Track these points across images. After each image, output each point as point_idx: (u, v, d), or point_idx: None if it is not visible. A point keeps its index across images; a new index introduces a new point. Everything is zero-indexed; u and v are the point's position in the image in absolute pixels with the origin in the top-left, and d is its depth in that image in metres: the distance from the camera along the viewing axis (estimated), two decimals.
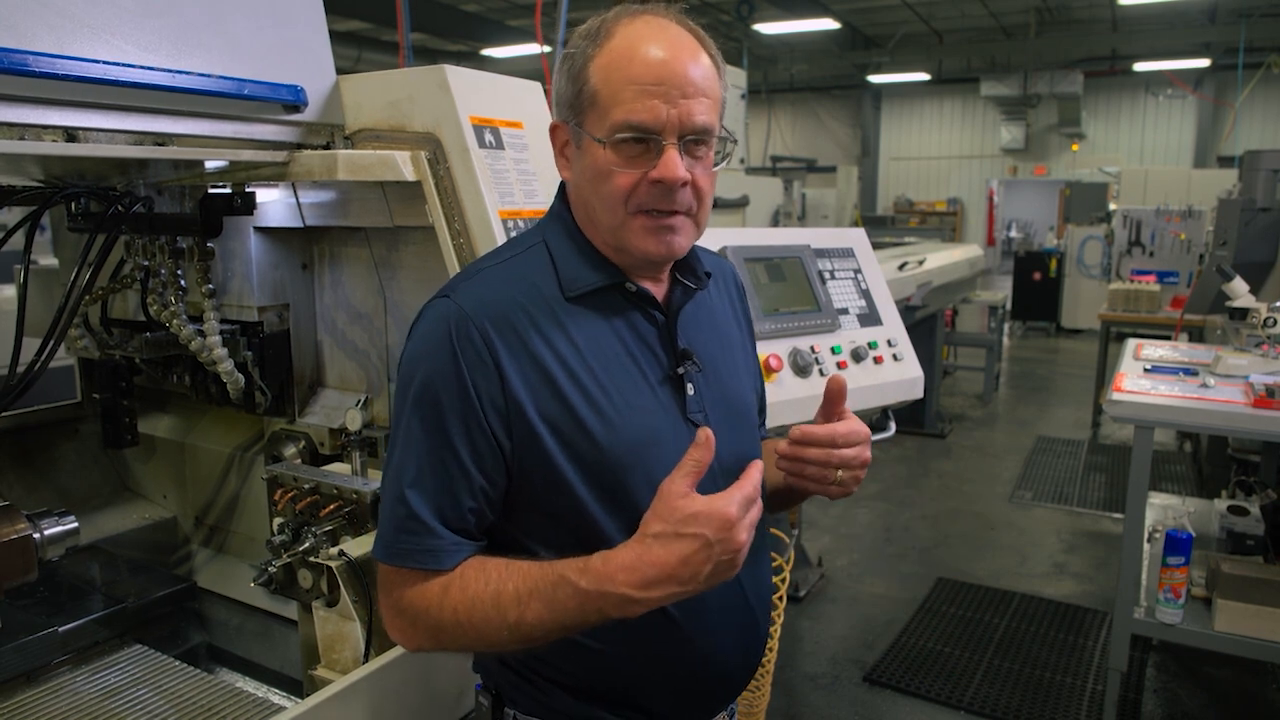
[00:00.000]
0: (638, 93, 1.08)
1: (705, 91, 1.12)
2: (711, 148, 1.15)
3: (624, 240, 1.15)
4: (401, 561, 1.11)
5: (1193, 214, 8.85)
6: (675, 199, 1.12)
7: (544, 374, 1.11)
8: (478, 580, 1.08)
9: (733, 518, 1.01)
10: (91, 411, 2.50)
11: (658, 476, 1.12)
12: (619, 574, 1.01)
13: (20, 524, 1.52)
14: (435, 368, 1.10)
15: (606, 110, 1.10)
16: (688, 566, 1.00)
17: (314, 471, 1.88)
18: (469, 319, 1.10)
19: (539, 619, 1.04)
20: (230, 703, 1.76)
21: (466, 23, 13.60)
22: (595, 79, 1.11)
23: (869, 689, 3.61)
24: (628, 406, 1.14)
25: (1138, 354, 3.86)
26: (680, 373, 1.20)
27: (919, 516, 5.58)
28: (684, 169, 1.10)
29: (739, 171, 7.52)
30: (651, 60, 1.09)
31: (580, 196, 1.19)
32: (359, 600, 1.60)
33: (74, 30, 1.37)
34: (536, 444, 1.10)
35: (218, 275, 2.07)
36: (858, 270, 2.68)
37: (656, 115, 1.08)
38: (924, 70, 17.23)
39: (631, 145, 1.10)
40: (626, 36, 1.12)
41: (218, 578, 2.41)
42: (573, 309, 1.15)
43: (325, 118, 1.77)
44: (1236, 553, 3.38)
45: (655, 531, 1.02)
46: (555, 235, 1.21)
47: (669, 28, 1.13)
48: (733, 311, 1.40)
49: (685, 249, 1.18)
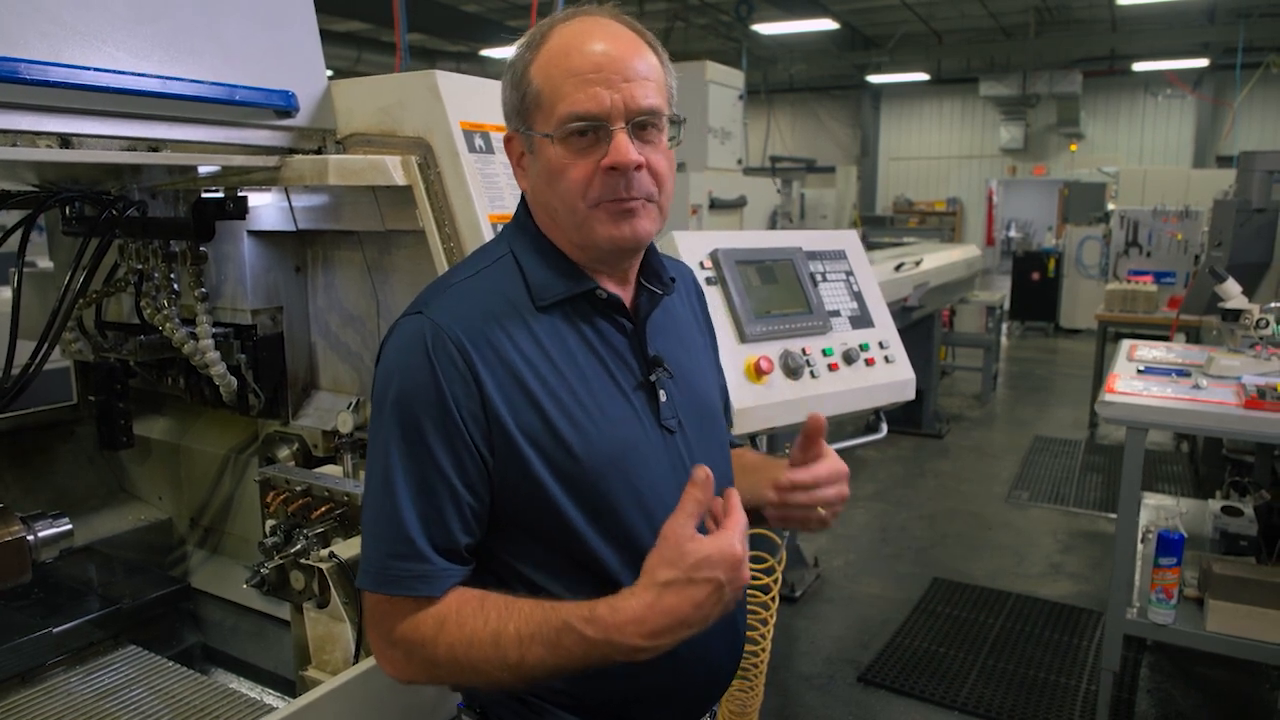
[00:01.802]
0: (579, 83, 1.09)
1: (647, 76, 1.12)
2: (663, 130, 1.14)
3: (588, 234, 1.14)
4: (393, 589, 1.08)
5: (1190, 214, 8.84)
6: (632, 185, 1.11)
7: (521, 387, 1.10)
8: (476, 618, 1.06)
9: (740, 557, 1.02)
10: (87, 413, 2.51)
11: (637, 484, 1.13)
12: (629, 625, 1.00)
13: (14, 526, 1.54)
14: (413, 382, 1.08)
15: (551, 106, 1.11)
16: (700, 610, 1.01)
17: (306, 474, 1.89)
18: (444, 333, 1.09)
19: (540, 661, 1.03)
20: (224, 703, 1.78)
21: (465, 23, 13.61)
22: (536, 79, 1.12)
23: (864, 689, 3.62)
24: (603, 416, 1.14)
25: (1131, 355, 3.87)
26: (652, 380, 1.20)
27: (915, 516, 5.59)
28: (635, 152, 1.10)
29: (737, 172, 7.53)
30: (589, 51, 1.10)
31: (540, 201, 1.18)
32: (349, 602, 1.61)
33: (67, 37, 1.38)
34: (517, 457, 1.10)
35: (211, 278, 2.09)
36: (849, 272, 2.70)
37: (600, 102, 1.09)
38: (923, 70, 17.24)
39: (580, 137, 1.10)
40: (563, 35, 1.13)
41: (212, 579, 2.42)
42: (544, 319, 1.15)
43: (317, 123, 1.78)
44: (1230, 553, 3.39)
45: (666, 579, 1.01)
46: (521, 245, 1.20)
47: (605, 24, 1.14)
48: (693, 315, 1.40)
49: (650, 234, 1.17)
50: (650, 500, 1.16)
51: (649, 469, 1.16)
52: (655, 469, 1.18)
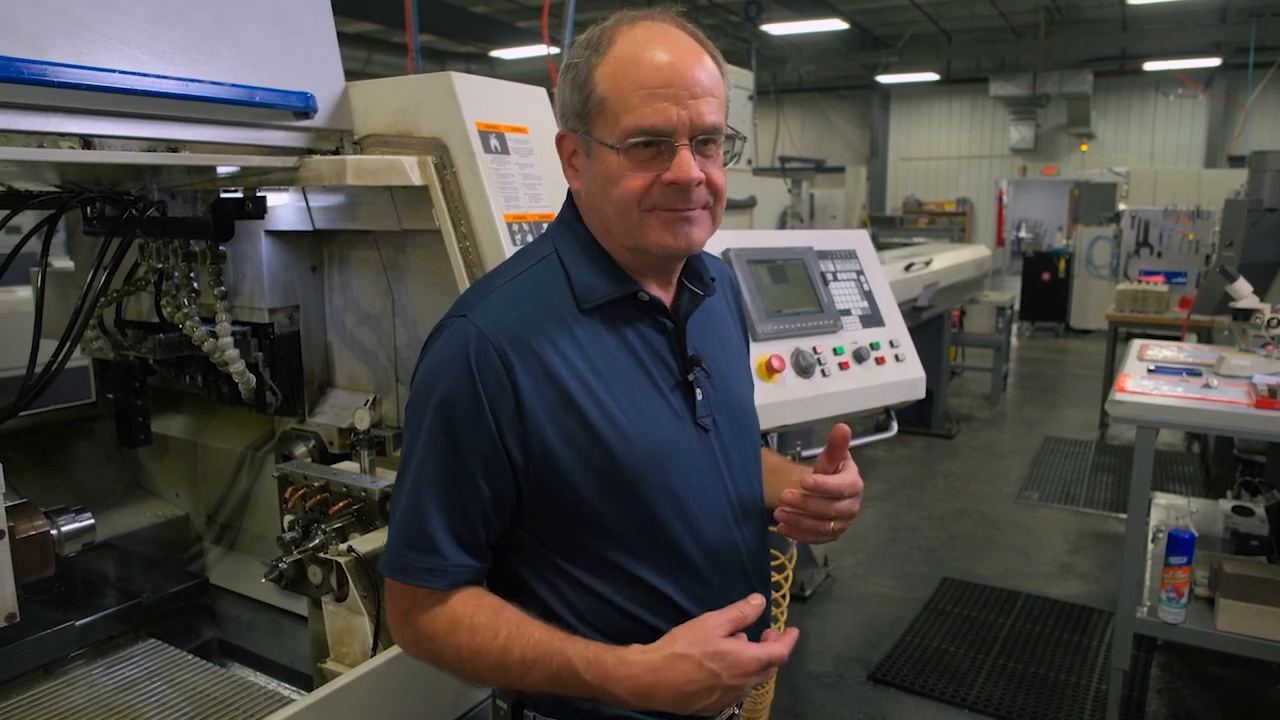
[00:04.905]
0: (646, 96, 1.10)
1: (712, 91, 1.13)
2: (720, 145, 1.17)
3: (641, 238, 1.16)
4: (405, 577, 1.15)
5: (1201, 214, 8.80)
6: (691, 197, 1.14)
7: (560, 391, 1.12)
8: (487, 631, 1.11)
9: (751, 671, 1.06)
10: (106, 411, 2.54)
11: (673, 481, 1.16)
12: (625, 681, 1.06)
13: (38, 520, 1.56)
14: (453, 388, 1.12)
15: (616, 116, 1.12)
16: (692, 696, 1.05)
17: (323, 470, 1.92)
18: (488, 341, 1.11)
19: (537, 684, 1.10)
20: (242, 695, 1.79)
21: (476, 24, 13.66)
22: (602, 86, 1.13)
23: (874, 687, 3.63)
24: (641, 416, 1.16)
25: (1142, 355, 3.87)
26: (690, 379, 1.22)
27: (925, 516, 5.59)
28: (697, 169, 1.12)
29: (746, 172, 7.53)
30: (658, 64, 1.11)
31: (592, 203, 1.20)
32: (367, 595, 1.64)
33: (90, 40, 1.41)
34: (552, 460, 1.13)
35: (230, 277, 2.11)
36: (860, 271, 2.71)
37: (667, 117, 1.10)
38: (933, 70, 17.20)
39: (643, 149, 1.12)
40: (629, 43, 1.13)
41: (229, 574, 2.45)
42: (586, 321, 1.17)
43: (334, 124, 1.81)
44: (1241, 553, 3.39)
45: (679, 652, 1.06)
46: (567, 245, 1.22)
47: (670, 31, 1.15)
48: (731, 315, 1.42)
49: (703, 242, 1.20)
50: (685, 497, 1.19)
51: (685, 467, 1.19)
52: (691, 466, 1.20)
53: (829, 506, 1.20)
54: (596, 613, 1.16)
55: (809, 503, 1.21)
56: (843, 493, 1.20)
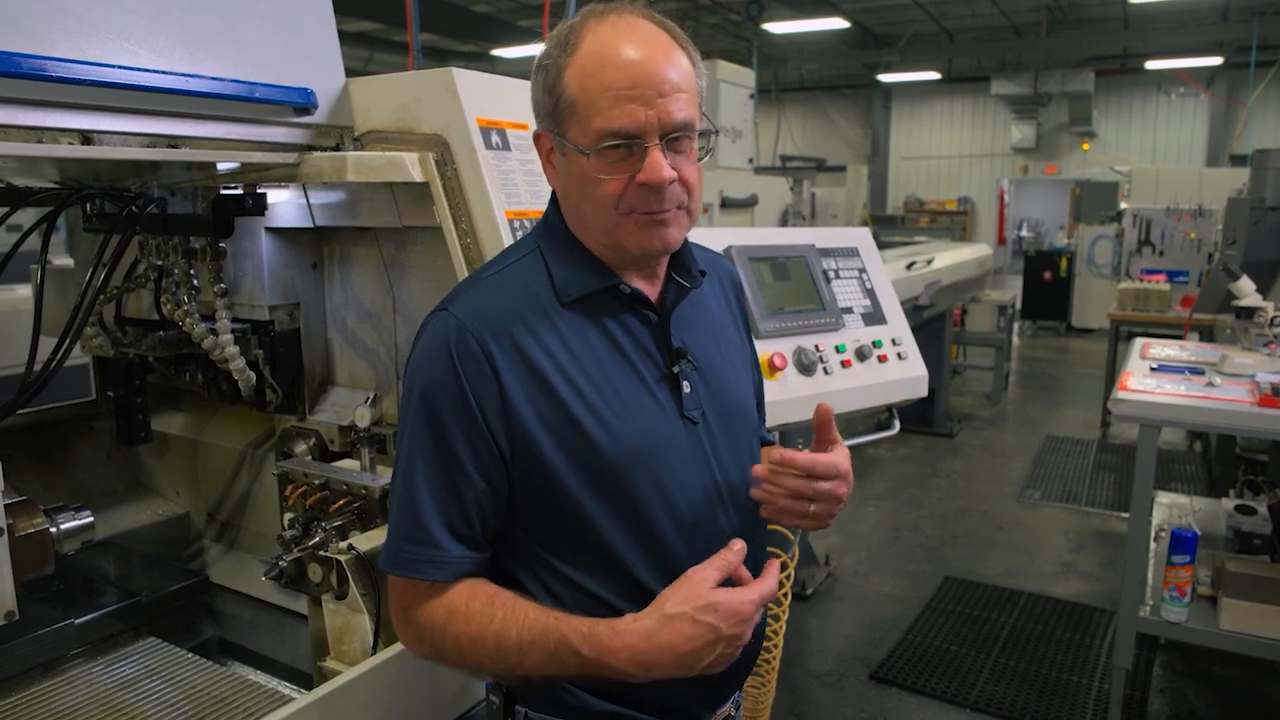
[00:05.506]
0: (614, 99, 1.09)
1: (680, 87, 1.12)
2: (694, 139, 1.15)
3: (618, 239, 1.16)
4: (404, 571, 1.14)
5: (1203, 213, 8.79)
6: (665, 198, 1.13)
7: (542, 383, 1.13)
8: (483, 617, 1.10)
9: (748, 615, 1.05)
10: (106, 409, 2.53)
11: (659, 474, 1.15)
12: (623, 651, 1.04)
13: (38, 518, 1.55)
14: (436, 378, 1.13)
15: (586, 119, 1.11)
16: (693, 655, 1.03)
17: (324, 468, 1.91)
18: (468, 331, 1.12)
19: (537, 666, 1.09)
20: (242, 694, 1.79)
21: (477, 23, 13.66)
22: (571, 88, 1.12)
23: (875, 686, 3.62)
24: (626, 410, 1.16)
25: (1144, 353, 3.86)
26: (675, 371, 1.21)
27: (927, 515, 5.59)
28: (669, 169, 1.11)
29: (748, 171, 7.52)
30: (624, 63, 1.09)
31: (570, 201, 1.20)
32: (367, 594, 1.63)
33: (90, 35, 1.40)
34: (536, 452, 1.13)
35: (230, 275, 2.10)
36: (862, 269, 2.70)
37: (635, 119, 1.09)
38: (934, 69, 17.19)
39: (614, 151, 1.11)
40: (596, 41, 1.12)
41: (229, 573, 2.44)
42: (568, 314, 1.17)
43: (335, 120, 1.80)
44: (1243, 552, 3.38)
45: (671, 612, 1.04)
46: (549, 243, 1.23)
47: (637, 25, 1.13)
48: (729, 310, 1.41)
49: (679, 240, 1.20)
50: (671, 490, 1.18)
51: (671, 460, 1.18)
52: (678, 460, 1.19)
53: (808, 486, 1.16)
54: (584, 607, 1.15)
55: (782, 479, 1.17)
56: (815, 470, 1.16)
